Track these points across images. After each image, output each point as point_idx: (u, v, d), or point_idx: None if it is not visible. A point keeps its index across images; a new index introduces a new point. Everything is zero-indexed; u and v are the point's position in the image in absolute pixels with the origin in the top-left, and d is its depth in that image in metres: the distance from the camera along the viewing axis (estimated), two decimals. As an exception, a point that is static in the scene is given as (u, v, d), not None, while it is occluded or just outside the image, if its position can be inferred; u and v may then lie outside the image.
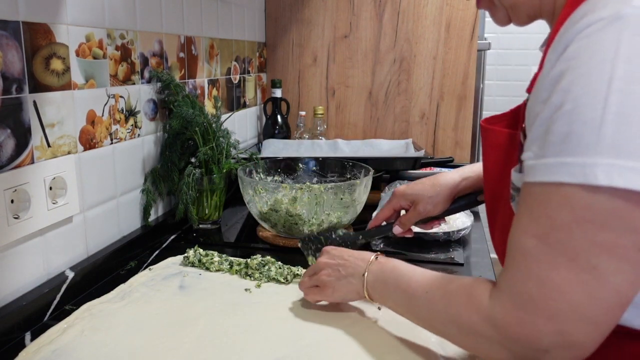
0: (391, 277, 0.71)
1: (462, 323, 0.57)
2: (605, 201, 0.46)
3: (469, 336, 0.57)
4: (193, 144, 1.23)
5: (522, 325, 0.51)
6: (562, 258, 0.48)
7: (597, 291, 0.48)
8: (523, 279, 0.51)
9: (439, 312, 0.61)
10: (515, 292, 0.51)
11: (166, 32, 1.22)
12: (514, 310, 0.51)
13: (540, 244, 0.49)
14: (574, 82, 0.47)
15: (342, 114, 1.94)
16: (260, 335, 0.78)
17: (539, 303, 0.49)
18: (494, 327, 0.53)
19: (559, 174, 0.47)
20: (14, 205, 0.79)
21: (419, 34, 1.82)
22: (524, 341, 0.51)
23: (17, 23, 0.78)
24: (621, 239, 0.46)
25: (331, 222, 1.12)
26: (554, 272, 0.49)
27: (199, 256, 1.02)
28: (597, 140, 0.45)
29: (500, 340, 0.53)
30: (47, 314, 0.84)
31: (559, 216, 0.48)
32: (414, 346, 0.75)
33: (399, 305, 0.70)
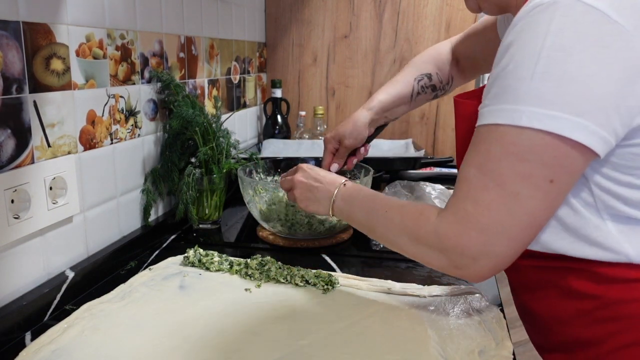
0: (356, 200, 0.84)
1: (412, 233, 0.70)
2: (527, 139, 0.58)
3: (417, 245, 0.70)
4: (193, 144, 1.23)
5: (459, 236, 0.63)
6: (492, 183, 0.60)
7: (516, 211, 0.60)
8: (463, 199, 0.63)
9: (394, 225, 0.73)
10: (456, 209, 0.64)
11: (166, 32, 1.22)
12: (454, 224, 0.64)
13: (478, 172, 0.62)
14: (517, 49, 0.59)
15: (342, 114, 1.94)
16: (260, 335, 0.78)
17: (472, 218, 0.62)
18: (437, 237, 0.66)
19: (496, 117, 0.60)
20: (14, 205, 0.79)
21: (419, 34, 1.82)
22: (459, 249, 0.63)
23: (17, 23, 0.78)
24: (536, 171, 0.58)
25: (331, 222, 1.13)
26: (485, 194, 0.61)
27: (199, 256, 1.02)
28: (526, 93, 0.57)
29: (441, 248, 0.65)
30: (47, 314, 0.84)
31: (492, 150, 0.60)
32: (414, 346, 0.75)
33: (361, 222, 0.82)
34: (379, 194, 0.82)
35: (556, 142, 0.57)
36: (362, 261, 1.08)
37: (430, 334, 0.78)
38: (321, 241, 1.14)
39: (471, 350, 0.73)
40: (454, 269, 0.66)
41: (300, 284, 0.93)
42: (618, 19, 0.55)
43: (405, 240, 0.72)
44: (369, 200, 0.81)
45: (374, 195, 0.82)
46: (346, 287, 0.93)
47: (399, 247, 0.74)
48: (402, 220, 0.72)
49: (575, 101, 0.55)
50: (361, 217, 0.82)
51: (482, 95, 0.65)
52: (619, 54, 0.55)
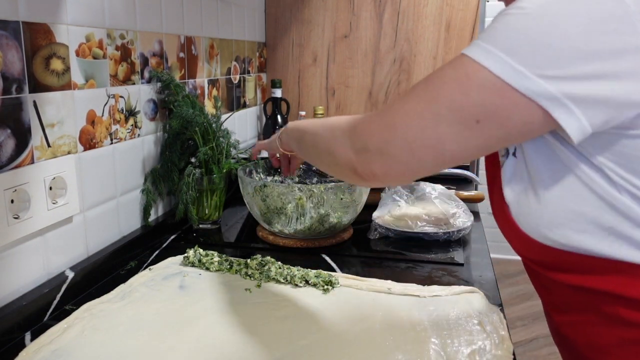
0: (296, 130, 0.89)
1: (332, 127, 0.72)
2: (480, 77, 0.57)
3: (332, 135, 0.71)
4: (193, 144, 1.23)
5: (368, 123, 0.65)
6: (426, 96, 0.60)
7: (429, 129, 0.60)
8: (397, 100, 0.64)
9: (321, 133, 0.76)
10: (387, 106, 0.65)
11: (166, 32, 1.22)
12: (374, 115, 0.65)
13: (423, 84, 0.62)
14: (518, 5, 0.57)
15: (342, 114, 1.93)
16: (260, 335, 0.78)
17: (390, 114, 0.62)
18: (349, 124, 0.68)
19: (469, 49, 0.59)
20: (14, 205, 0.79)
21: (419, 34, 1.82)
22: (364, 135, 0.64)
23: (17, 23, 0.78)
24: (469, 107, 0.58)
25: (331, 222, 1.13)
26: (414, 102, 0.61)
27: (199, 256, 1.02)
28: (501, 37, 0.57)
29: (351, 132, 0.67)
30: (47, 314, 0.84)
31: (447, 71, 0.60)
32: (414, 346, 0.75)
33: (299, 144, 0.87)
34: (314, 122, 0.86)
35: (504, 91, 0.56)
36: (362, 261, 1.08)
37: (430, 334, 0.77)
38: (321, 241, 1.14)
39: (471, 350, 0.73)
40: (352, 154, 0.66)
41: (300, 284, 0.93)
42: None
43: (326, 139, 0.74)
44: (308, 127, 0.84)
45: (312, 121, 0.85)
46: (346, 287, 0.93)
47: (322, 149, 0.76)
48: (324, 123, 0.77)
49: (545, 64, 0.54)
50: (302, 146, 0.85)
51: None
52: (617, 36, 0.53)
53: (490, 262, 1.07)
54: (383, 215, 1.22)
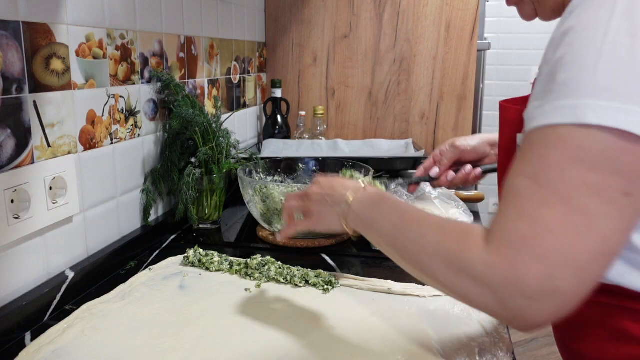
0: (380, 207, 0.67)
1: (452, 258, 0.54)
2: (596, 140, 0.47)
3: (456, 273, 0.53)
4: (193, 144, 1.23)
5: (511, 264, 0.49)
6: (553, 197, 0.48)
7: (585, 234, 0.47)
8: (515, 218, 0.50)
9: (429, 245, 0.57)
10: (507, 230, 0.50)
11: (166, 32, 1.22)
12: (505, 249, 0.50)
13: (533, 183, 0.50)
14: (575, 36, 0.50)
15: (342, 114, 1.94)
16: (260, 335, 0.78)
17: (528, 241, 0.49)
18: (484, 265, 0.51)
19: (553, 116, 0.49)
20: (14, 205, 0.79)
21: (419, 34, 1.82)
22: (512, 283, 0.49)
23: (17, 23, 0.78)
24: (609, 181, 0.47)
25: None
26: (544, 211, 0.48)
27: (199, 256, 1.02)
28: (590, 84, 0.48)
29: (488, 281, 0.50)
30: (47, 314, 0.84)
31: (551, 155, 0.49)
32: (414, 346, 0.75)
33: (384, 237, 0.65)
34: (409, 204, 0.67)
35: (633, 143, 0.46)
36: (362, 261, 1.08)
37: (430, 334, 0.77)
38: (321, 241, 1.14)
39: (471, 350, 0.73)
40: (502, 311, 0.51)
41: (300, 284, 0.93)
42: None
43: (441, 266, 0.55)
44: (396, 209, 0.65)
45: (403, 204, 0.66)
46: (346, 287, 0.93)
47: (431, 273, 0.57)
48: (439, 238, 0.56)
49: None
50: (384, 229, 0.65)
51: (531, 96, 0.56)
52: None
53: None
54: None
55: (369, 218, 0.68)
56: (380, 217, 0.66)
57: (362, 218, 0.69)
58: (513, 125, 0.67)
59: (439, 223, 0.59)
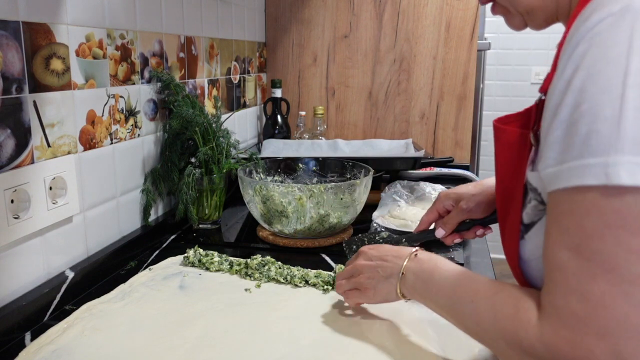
0: (432, 278, 0.67)
1: (512, 339, 0.52)
2: (634, 203, 0.43)
3: (521, 354, 0.52)
4: (193, 144, 1.23)
5: (573, 347, 0.46)
6: (599, 269, 0.45)
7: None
8: (565, 294, 0.48)
9: (486, 324, 0.56)
10: (558, 310, 0.48)
11: (166, 32, 1.22)
12: (561, 330, 0.47)
13: (574, 257, 0.47)
14: (588, 81, 0.46)
15: (342, 114, 1.94)
16: (260, 335, 0.78)
17: (584, 320, 0.46)
18: (545, 347, 0.49)
19: (582, 177, 0.45)
20: (14, 205, 0.79)
21: (419, 34, 1.82)
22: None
23: (17, 23, 0.78)
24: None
25: (331, 222, 1.13)
26: (593, 285, 0.45)
27: (199, 256, 1.02)
28: (618, 137, 0.43)
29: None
30: (47, 314, 0.84)
31: (588, 224, 0.46)
32: (414, 346, 0.75)
33: (442, 309, 0.65)
34: (461, 271, 0.65)
35: None
36: (362, 261, 1.08)
37: (431, 334, 0.77)
38: (321, 241, 1.14)
39: (471, 350, 0.73)
40: None
41: (300, 284, 0.93)
42: None
43: (505, 347, 0.54)
44: (448, 281, 0.64)
45: (455, 274, 0.64)
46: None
47: (500, 353, 0.56)
48: (495, 318, 0.55)
49: None
50: (440, 302, 0.65)
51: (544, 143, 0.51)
52: None
53: (490, 262, 1.07)
54: (383, 215, 1.22)
55: (424, 290, 0.68)
56: (435, 289, 0.66)
57: (416, 289, 0.69)
58: (508, 149, 0.63)
59: (491, 296, 0.57)
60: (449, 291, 0.64)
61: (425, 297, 0.68)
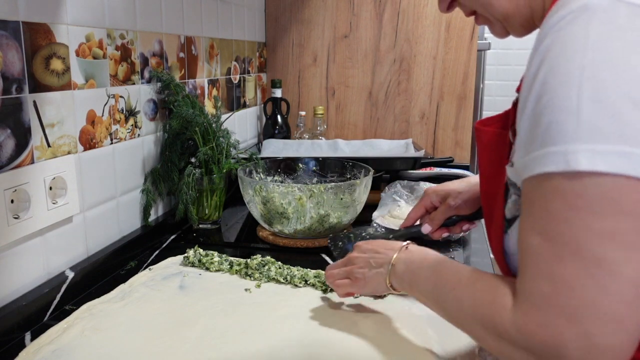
0: (420, 268, 0.69)
1: (488, 324, 0.54)
2: (594, 187, 0.45)
3: (496, 339, 0.53)
4: (193, 144, 1.23)
5: (544, 328, 0.47)
6: (566, 252, 0.47)
7: (610, 284, 0.45)
8: (534, 279, 0.49)
9: (465, 310, 0.58)
10: (529, 291, 0.49)
11: (166, 32, 1.22)
12: (532, 313, 0.48)
13: (543, 241, 0.48)
14: (549, 74, 0.49)
15: (342, 114, 1.94)
16: (260, 335, 0.78)
17: (553, 303, 0.47)
18: (518, 331, 0.50)
19: (545, 164, 0.48)
20: (14, 205, 0.79)
21: (419, 34, 1.82)
22: (551, 347, 0.47)
23: (17, 23, 0.78)
24: (621, 225, 0.45)
25: (331, 222, 1.13)
26: (561, 268, 0.47)
27: (199, 256, 1.02)
28: (576, 127, 0.46)
29: (528, 346, 0.49)
30: (47, 314, 0.84)
31: (553, 208, 0.47)
32: (414, 346, 0.75)
33: (428, 298, 0.67)
34: (446, 261, 0.67)
35: (633, 183, 0.44)
36: (362, 261, 1.08)
37: (430, 334, 0.77)
38: (321, 241, 1.14)
39: (471, 350, 0.73)
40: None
41: (299, 284, 0.93)
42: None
43: (482, 331, 0.55)
44: (434, 270, 0.66)
45: (440, 264, 0.66)
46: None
47: (477, 338, 0.58)
48: (473, 304, 0.57)
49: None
50: (426, 291, 0.67)
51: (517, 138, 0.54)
52: None
53: (490, 262, 1.07)
54: (383, 215, 1.22)
55: (411, 279, 0.70)
56: (422, 279, 0.68)
57: (404, 279, 0.71)
58: (489, 149, 0.65)
59: (471, 284, 0.59)
60: (434, 280, 0.65)
61: (412, 286, 0.70)
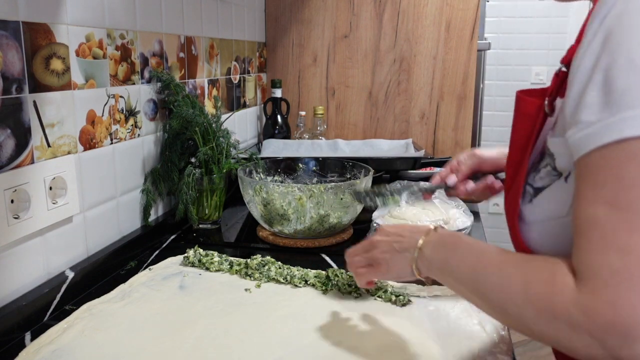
0: (454, 250, 0.63)
1: (543, 305, 0.49)
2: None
3: (550, 321, 0.49)
4: (193, 144, 1.23)
5: (613, 307, 0.44)
6: (638, 221, 0.44)
7: None
8: (602, 252, 0.45)
9: (515, 293, 0.53)
10: (597, 268, 0.45)
11: (166, 32, 1.22)
12: (601, 290, 0.45)
13: (612, 210, 0.45)
14: (623, 38, 0.46)
15: (342, 114, 1.94)
16: (260, 335, 0.78)
17: (625, 276, 0.44)
18: (582, 312, 0.46)
19: (620, 130, 0.44)
20: (14, 205, 0.79)
21: (419, 34, 1.82)
22: (620, 328, 0.44)
23: (17, 23, 0.78)
24: None
25: (331, 222, 1.13)
26: (635, 237, 0.44)
27: (199, 256, 1.02)
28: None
29: (590, 328, 0.45)
30: (47, 314, 0.84)
31: (627, 174, 0.44)
32: (414, 346, 0.75)
33: (463, 282, 0.61)
34: (485, 243, 0.63)
35: None
36: (362, 261, 1.08)
37: (431, 334, 0.77)
38: (321, 241, 1.14)
39: (471, 350, 0.73)
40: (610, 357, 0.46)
41: (299, 284, 0.93)
42: None
43: (532, 314, 0.51)
44: (473, 251, 0.61)
45: (479, 245, 0.62)
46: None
47: (522, 322, 0.53)
48: (525, 284, 0.52)
49: None
50: (462, 275, 0.61)
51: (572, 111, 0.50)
52: None
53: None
54: (383, 215, 1.22)
55: (443, 263, 0.64)
56: (456, 262, 0.62)
57: (434, 263, 0.65)
58: (530, 120, 0.61)
59: (522, 263, 0.55)
60: (474, 261, 0.60)
61: (444, 271, 0.64)
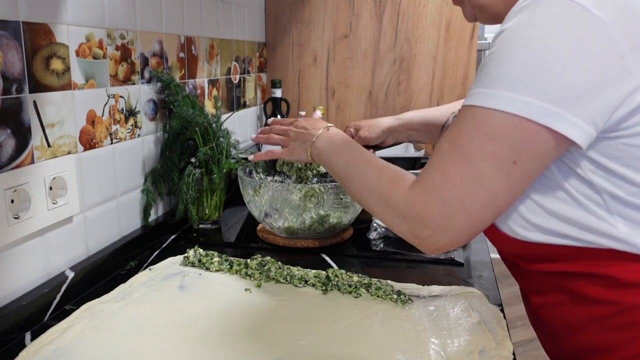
0: (337, 146, 0.86)
1: (384, 196, 0.72)
2: (497, 120, 0.60)
3: (384, 206, 0.72)
4: (193, 144, 1.23)
5: (423, 205, 0.66)
6: (460, 159, 0.63)
7: (477, 188, 0.62)
8: (433, 170, 0.66)
9: (369, 183, 0.76)
10: (425, 179, 0.67)
11: (166, 32, 1.22)
12: (421, 193, 0.67)
13: (450, 147, 0.64)
14: (501, 39, 0.62)
15: (342, 114, 1.94)
16: (260, 335, 0.78)
17: (438, 189, 0.64)
18: (404, 204, 0.68)
19: (475, 99, 0.62)
20: (14, 205, 0.79)
21: (419, 34, 1.82)
22: (422, 219, 0.66)
23: (17, 23, 0.78)
24: (501, 151, 0.61)
25: (331, 222, 1.13)
26: (453, 168, 0.63)
27: (199, 256, 1.02)
28: (501, 78, 0.60)
29: (406, 215, 0.68)
30: (47, 314, 0.84)
31: (465, 128, 0.63)
32: (414, 346, 0.75)
33: (338, 170, 0.84)
34: (363, 148, 0.84)
35: (524, 125, 0.59)
36: (362, 261, 1.08)
37: (430, 333, 0.78)
38: (321, 241, 1.14)
39: (471, 351, 0.73)
40: (412, 238, 0.69)
41: (299, 285, 0.93)
42: (598, 12, 0.57)
43: (375, 201, 0.74)
44: (351, 151, 0.83)
45: (357, 148, 0.84)
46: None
47: (367, 205, 0.77)
48: (378, 180, 0.75)
49: (548, 89, 0.58)
50: (339, 166, 0.84)
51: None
52: (597, 47, 0.57)
53: (490, 262, 1.07)
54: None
55: (327, 154, 0.87)
56: (337, 154, 0.85)
57: (322, 153, 0.88)
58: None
59: (381, 167, 0.77)
60: (348, 156, 0.82)
61: (328, 159, 0.87)
